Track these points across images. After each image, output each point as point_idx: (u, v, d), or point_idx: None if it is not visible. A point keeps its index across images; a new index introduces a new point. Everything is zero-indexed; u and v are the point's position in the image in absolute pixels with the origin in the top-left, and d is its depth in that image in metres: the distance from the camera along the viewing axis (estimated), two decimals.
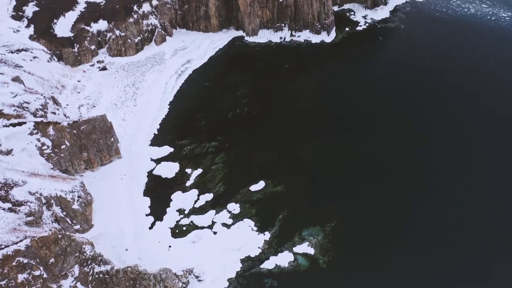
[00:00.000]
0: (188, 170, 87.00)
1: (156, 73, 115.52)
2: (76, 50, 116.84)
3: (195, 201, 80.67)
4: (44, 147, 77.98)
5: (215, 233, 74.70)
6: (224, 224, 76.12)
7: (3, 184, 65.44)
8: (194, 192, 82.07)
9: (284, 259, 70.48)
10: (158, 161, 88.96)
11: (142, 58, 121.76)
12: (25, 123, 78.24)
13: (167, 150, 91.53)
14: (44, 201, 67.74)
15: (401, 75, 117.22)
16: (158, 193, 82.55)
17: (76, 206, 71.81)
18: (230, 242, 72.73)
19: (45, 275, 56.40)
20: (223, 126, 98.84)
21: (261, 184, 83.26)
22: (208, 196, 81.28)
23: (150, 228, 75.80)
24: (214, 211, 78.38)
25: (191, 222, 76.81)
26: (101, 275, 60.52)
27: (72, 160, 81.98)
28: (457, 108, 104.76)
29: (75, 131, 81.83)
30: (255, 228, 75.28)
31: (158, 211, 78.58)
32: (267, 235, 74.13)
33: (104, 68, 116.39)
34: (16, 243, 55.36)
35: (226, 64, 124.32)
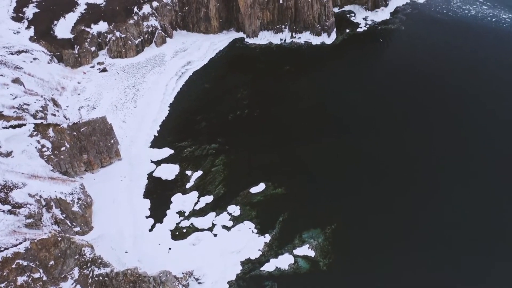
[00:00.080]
0: (188, 172, 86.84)
1: (157, 74, 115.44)
2: (76, 51, 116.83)
3: (195, 203, 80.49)
4: (44, 149, 77.87)
5: (215, 235, 74.49)
6: (224, 226, 75.90)
7: (3, 186, 65.33)
8: (194, 194, 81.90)
9: (284, 261, 70.23)
10: (158, 163, 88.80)
11: (142, 60, 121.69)
12: (25, 124, 78.15)
13: (167, 152, 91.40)
14: (43, 203, 67.61)
15: (401, 77, 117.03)
16: (158, 195, 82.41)
17: (76, 208, 71.63)
18: (230, 244, 72.53)
19: (44, 278, 56.25)
20: (224, 128, 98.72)
21: (261, 186, 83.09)
22: (208, 198, 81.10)
23: (150, 230, 75.64)
24: (214, 213, 78.18)
25: (191, 224, 76.63)
26: (101, 278, 60.31)
27: (72, 162, 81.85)
28: (457, 109, 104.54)
29: (75, 133, 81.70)
30: (256, 231, 75.08)
31: (158, 213, 78.42)
32: (268, 238, 73.92)
33: (104, 70, 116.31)
34: (16, 246, 55.25)
35: (227, 66, 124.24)
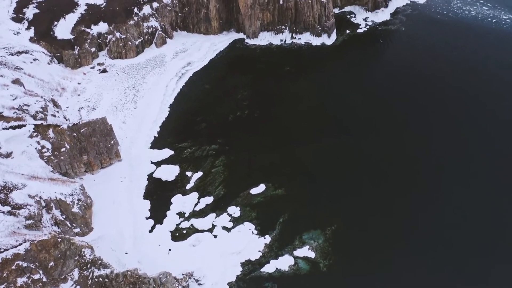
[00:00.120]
0: (189, 173, 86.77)
1: (157, 75, 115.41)
2: (76, 52, 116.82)
3: (195, 204, 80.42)
4: (44, 150, 77.83)
5: (215, 236, 74.43)
6: (224, 228, 75.84)
7: (3, 187, 65.33)
8: (195, 195, 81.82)
9: (284, 262, 70.15)
10: (158, 164, 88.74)
11: (142, 61, 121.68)
12: (25, 125, 78.13)
13: (167, 153, 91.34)
14: (43, 204, 67.57)
15: (401, 77, 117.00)
16: (158, 196, 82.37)
17: (75, 209, 71.57)
18: (231, 245, 72.47)
19: (44, 279, 56.26)
20: (224, 129, 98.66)
21: (261, 187, 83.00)
22: (209, 199, 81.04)
23: (150, 231, 75.61)
24: (214, 214, 78.11)
25: (191, 225, 76.56)
26: (100, 279, 60.26)
27: (72, 163, 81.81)
28: (457, 109, 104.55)
29: (75, 134, 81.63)
30: (256, 232, 75.01)
31: (158, 214, 78.36)
32: (268, 239, 73.84)
33: (104, 71, 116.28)
34: (16, 247, 55.28)
35: (227, 67, 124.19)
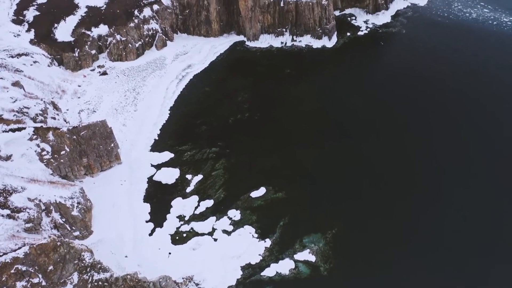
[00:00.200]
0: (189, 176, 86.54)
1: (157, 78, 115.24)
2: (76, 54, 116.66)
3: (196, 207, 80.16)
4: (44, 153, 77.58)
5: (215, 240, 74.17)
6: (224, 231, 75.59)
7: (2, 190, 65.04)
8: (195, 199, 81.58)
9: (285, 266, 69.94)
10: (158, 166, 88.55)
11: (142, 63, 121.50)
12: (24, 128, 77.87)
13: (167, 155, 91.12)
14: (43, 207, 67.30)
15: (402, 80, 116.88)
16: (158, 199, 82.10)
17: (75, 213, 71.34)
18: (231, 249, 72.22)
19: (43, 283, 55.91)
20: (224, 132, 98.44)
21: (262, 190, 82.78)
22: (209, 203, 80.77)
23: (150, 234, 75.34)
24: (214, 218, 77.87)
25: (191, 228, 76.29)
26: (100, 283, 59.98)
27: (72, 166, 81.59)
28: (458, 112, 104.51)
29: (75, 137, 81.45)
30: (256, 235, 74.75)
31: (158, 218, 78.11)
32: (268, 242, 73.59)
33: (104, 73, 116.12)
34: (15, 251, 54.96)
35: (227, 69, 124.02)
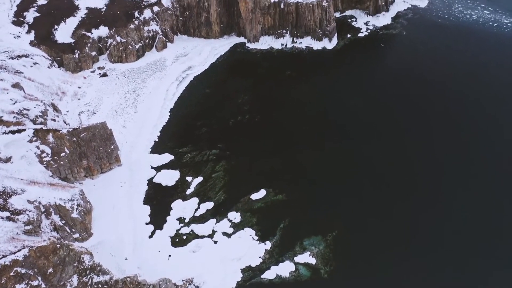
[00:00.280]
0: (189, 178, 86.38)
1: (157, 79, 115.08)
2: (76, 56, 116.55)
3: (196, 209, 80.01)
4: (44, 155, 77.48)
5: (215, 242, 74.02)
6: (224, 233, 75.42)
7: (2, 192, 64.99)
8: (195, 201, 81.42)
9: (285, 269, 69.74)
10: (158, 168, 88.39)
11: (143, 65, 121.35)
12: (24, 130, 77.78)
13: (167, 157, 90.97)
14: (43, 209, 67.18)
15: (403, 81, 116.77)
16: (158, 201, 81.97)
17: (75, 215, 71.16)
18: (231, 251, 72.07)
19: (43, 286, 55.81)
20: (224, 134, 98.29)
21: (262, 193, 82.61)
22: (209, 205, 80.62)
23: (150, 237, 75.19)
24: (214, 220, 77.69)
25: (191, 231, 76.13)
26: (100, 285, 59.92)
27: (72, 168, 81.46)
28: (458, 113, 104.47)
29: (74, 139, 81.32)
30: (256, 237, 74.59)
31: (158, 220, 77.95)
32: (268, 245, 73.42)
33: (104, 75, 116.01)
34: (14, 253, 54.90)
35: (227, 71, 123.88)
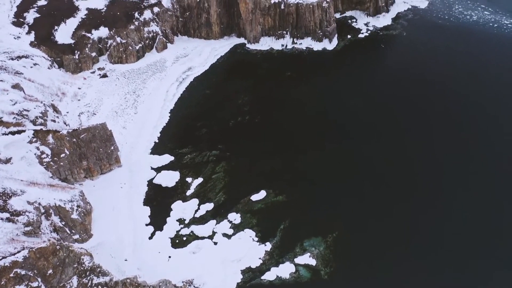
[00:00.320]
0: (189, 179, 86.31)
1: (157, 80, 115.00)
2: (76, 57, 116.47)
3: (196, 210, 79.95)
4: (44, 156, 77.44)
5: (215, 243, 73.95)
6: (224, 234, 75.34)
7: (2, 193, 65.01)
8: (195, 202, 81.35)
9: (285, 270, 69.67)
10: (158, 169, 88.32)
11: (143, 66, 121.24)
12: (24, 131, 77.78)
13: (167, 158, 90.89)
14: (42, 210, 67.14)
15: (403, 82, 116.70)
16: (158, 202, 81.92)
17: (75, 216, 71.09)
18: (231, 252, 71.99)
19: (43, 287, 55.75)
20: (224, 135, 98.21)
21: (262, 194, 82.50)
22: (209, 206, 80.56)
23: (150, 238, 75.15)
24: (214, 221, 77.63)
25: (192, 232, 76.06)
26: (99, 287, 59.82)
27: (72, 169, 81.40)
28: (458, 114, 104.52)
29: (74, 140, 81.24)
30: (256, 239, 74.51)
31: (158, 221, 77.88)
32: (268, 246, 73.34)
33: (104, 75, 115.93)
34: (14, 254, 54.94)
35: (228, 72, 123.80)
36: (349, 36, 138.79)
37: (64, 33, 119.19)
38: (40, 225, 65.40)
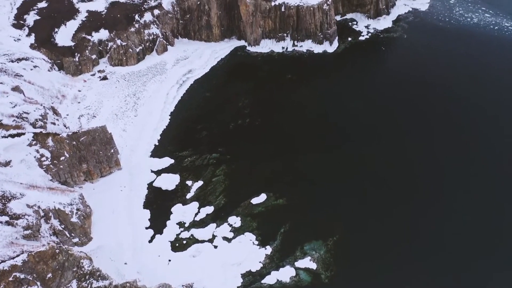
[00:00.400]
0: (189, 182, 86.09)
1: (157, 83, 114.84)
2: (77, 59, 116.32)
3: (196, 214, 79.74)
4: (43, 159, 77.19)
5: (215, 247, 73.73)
6: (225, 238, 75.14)
7: (1, 196, 64.73)
8: (195, 205, 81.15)
9: (285, 274, 69.46)
10: (158, 172, 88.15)
11: (143, 68, 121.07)
12: (24, 134, 77.57)
13: (167, 161, 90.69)
14: (42, 214, 66.91)
15: (403, 84, 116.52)
16: (158, 205, 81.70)
17: (74, 219, 70.85)
18: (231, 256, 71.78)
19: None
20: (225, 137, 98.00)
21: (262, 197, 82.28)
22: (209, 209, 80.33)
23: (150, 241, 74.92)
24: (214, 224, 77.42)
25: (192, 235, 75.83)
26: None
27: (71, 172, 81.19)
28: (459, 116, 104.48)
29: (74, 143, 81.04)
30: (256, 242, 74.27)
31: (158, 224, 77.65)
32: (269, 249, 73.11)
33: (105, 78, 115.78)
34: (13, 258, 54.66)
35: (228, 74, 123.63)
36: (349, 39, 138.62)
37: (64, 35, 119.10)
38: (40, 228, 65.17)
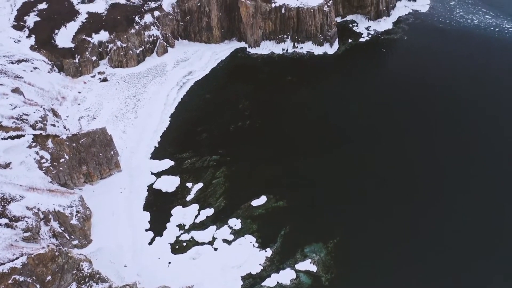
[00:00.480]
0: (189, 184, 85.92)
1: (158, 84, 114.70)
2: (77, 61, 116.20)
3: (196, 216, 79.53)
4: (43, 161, 77.09)
5: (215, 249, 73.53)
6: (225, 240, 74.92)
7: (0, 198, 64.65)
8: (195, 207, 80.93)
9: (286, 276, 69.18)
10: (158, 174, 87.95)
11: (143, 70, 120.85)
12: (24, 135, 77.47)
13: (167, 163, 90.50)
14: (41, 216, 66.77)
15: (404, 86, 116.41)
16: (158, 207, 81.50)
17: (74, 221, 70.68)
18: (231, 258, 71.56)
19: None
20: (225, 139, 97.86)
21: (263, 199, 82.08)
22: (209, 211, 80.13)
23: (150, 243, 74.71)
24: (215, 227, 77.21)
25: (192, 237, 75.64)
26: None
27: (71, 174, 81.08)
28: (459, 117, 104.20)
29: (74, 144, 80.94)
30: (257, 245, 74.09)
31: (158, 226, 77.45)
32: (269, 252, 72.89)
33: (105, 80, 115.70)
34: (12, 261, 54.65)
35: (228, 76, 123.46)
36: (350, 40, 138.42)
37: (64, 37, 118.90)
38: (39, 230, 65.06)
